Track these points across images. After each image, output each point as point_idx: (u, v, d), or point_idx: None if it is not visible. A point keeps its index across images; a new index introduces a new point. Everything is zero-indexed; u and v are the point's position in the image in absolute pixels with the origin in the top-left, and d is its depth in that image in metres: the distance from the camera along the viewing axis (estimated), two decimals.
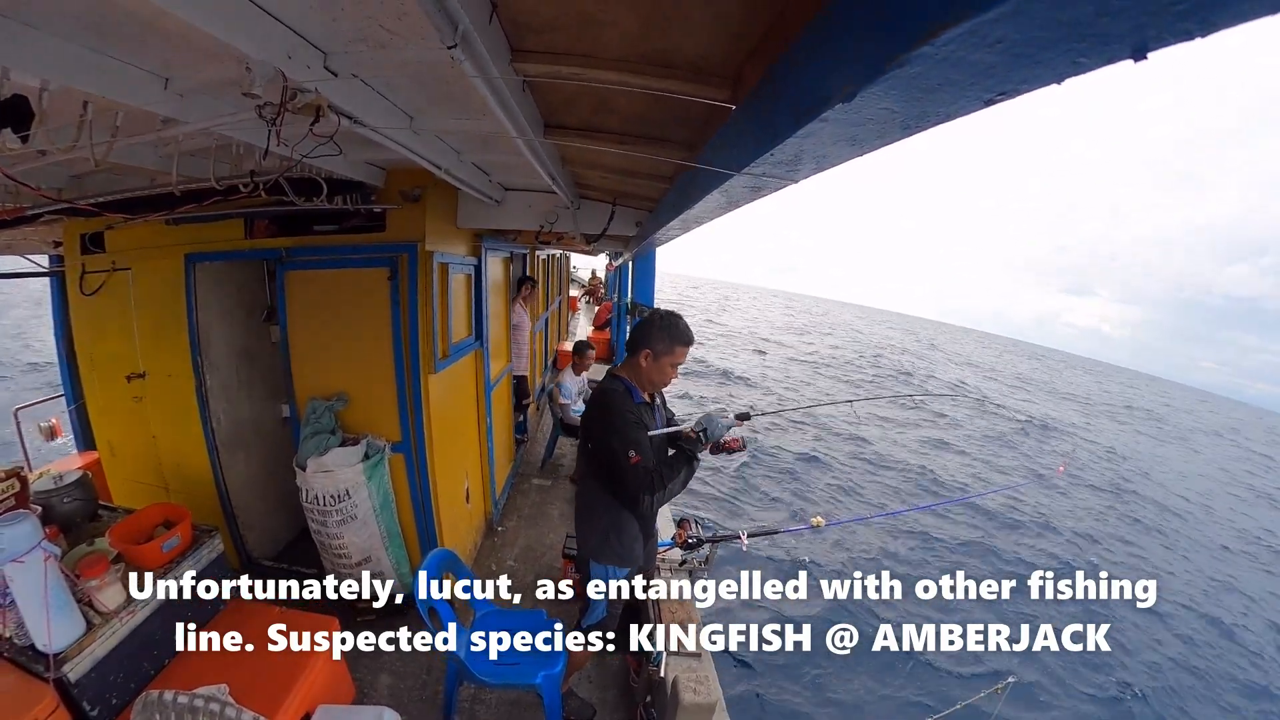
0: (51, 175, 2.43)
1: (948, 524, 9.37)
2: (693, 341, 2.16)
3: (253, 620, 2.33)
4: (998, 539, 9.21)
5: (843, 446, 13.26)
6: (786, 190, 1.28)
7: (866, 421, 15.46)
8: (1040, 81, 0.54)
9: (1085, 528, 10.68)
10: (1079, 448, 19.19)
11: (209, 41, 1.16)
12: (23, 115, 1.25)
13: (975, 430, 17.92)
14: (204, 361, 3.26)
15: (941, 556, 8.24)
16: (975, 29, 0.45)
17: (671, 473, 2.07)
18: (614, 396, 2.10)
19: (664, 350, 2.10)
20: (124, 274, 3.28)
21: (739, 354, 26.17)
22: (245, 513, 3.55)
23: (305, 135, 1.38)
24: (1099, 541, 10.22)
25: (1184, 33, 0.41)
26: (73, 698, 1.80)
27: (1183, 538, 11.91)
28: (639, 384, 2.17)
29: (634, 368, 2.16)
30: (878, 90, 0.61)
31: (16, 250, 3.81)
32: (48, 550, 1.77)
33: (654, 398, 2.29)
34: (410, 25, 1.14)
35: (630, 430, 2.03)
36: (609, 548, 2.22)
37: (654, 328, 2.11)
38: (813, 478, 10.74)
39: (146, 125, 1.61)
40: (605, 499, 2.18)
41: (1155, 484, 16.56)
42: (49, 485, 2.41)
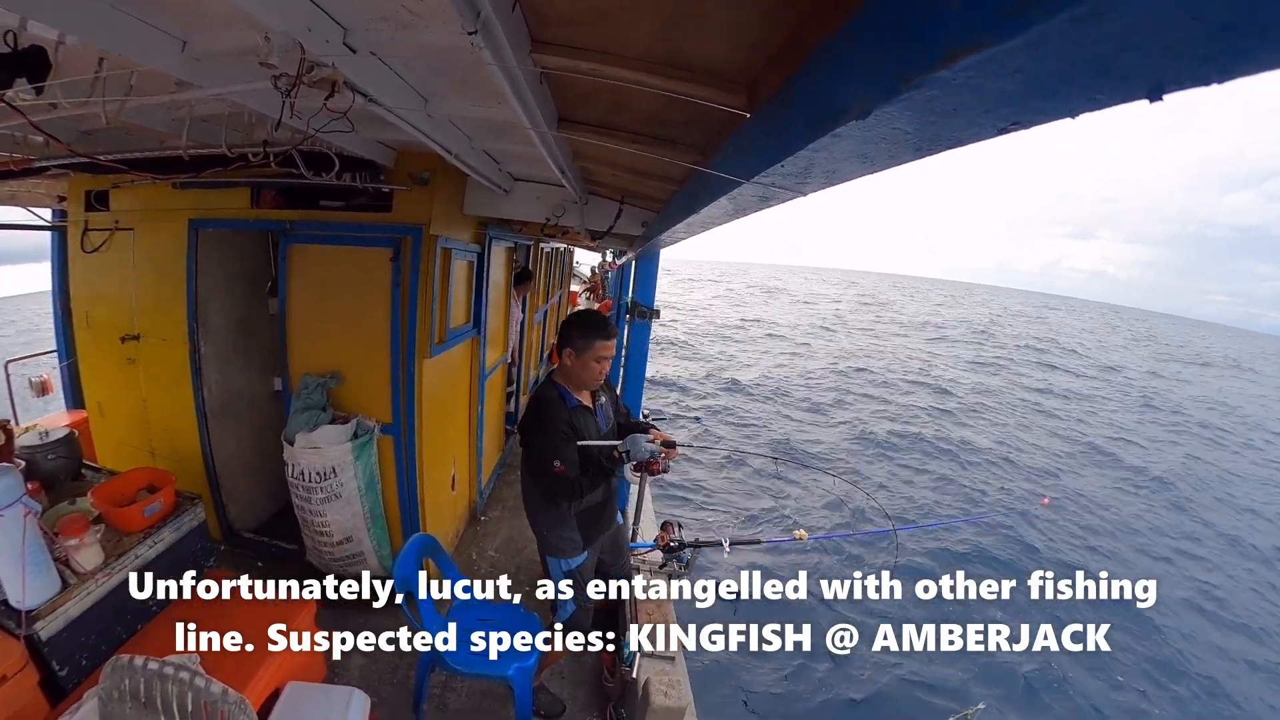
0: (61, 129, 2.41)
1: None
2: (613, 333, 2.24)
3: (228, 602, 2.32)
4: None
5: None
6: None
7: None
8: (1055, 114, 0.55)
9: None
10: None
11: (229, 8, 1.16)
12: (39, 66, 1.25)
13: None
14: (200, 328, 3.24)
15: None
16: (994, 57, 0.45)
17: (592, 484, 2.18)
18: (547, 405, 2.19)
19: (584, 346, 2.18)
20: (126, 234, 3.27)
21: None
22: (229, 483, 3.54)
23: (319, 110, 1.37)
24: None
25: (1202, 78, 0.41)
26: (42, 656, 1.80)
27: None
28: (570, 386, 2.26)
29: (562, 369, 2.25)
30: (892, 110, 0.61)
31: (20, 202, 3.79)
32: (28, 506, 1.76)
33: (595, 396, 2.36)
34: (433, 8, 1.14)
35: (556, 440, 2.13)
36: (554, 541, 2.30)
37: (571, 328, 2.21)
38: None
39: (161, 87, 1.60)
40: (539, 496, 2.28)
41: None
42: (34, 441, 2.40)
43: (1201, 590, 8.35)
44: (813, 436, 13.09)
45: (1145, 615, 6.97)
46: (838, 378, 19.55)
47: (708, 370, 18.73)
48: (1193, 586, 8.42)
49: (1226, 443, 18.22)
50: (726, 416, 14.19)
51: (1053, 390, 21.91)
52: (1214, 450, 16.97)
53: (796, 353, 23.86)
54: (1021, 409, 17.97)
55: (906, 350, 27.22)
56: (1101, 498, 11.33)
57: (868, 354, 24.76)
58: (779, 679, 5.55)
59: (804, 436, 12.98)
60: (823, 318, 39.90)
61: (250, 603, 2.25)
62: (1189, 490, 12.68)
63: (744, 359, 21.62)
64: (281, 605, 2.29)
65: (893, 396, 17.42)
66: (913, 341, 31.12)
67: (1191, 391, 28.65)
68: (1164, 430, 18.51)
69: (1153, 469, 13.67)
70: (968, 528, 8.75)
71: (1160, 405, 22.38)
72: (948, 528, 8.65)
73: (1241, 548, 10.06)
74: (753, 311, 40.17)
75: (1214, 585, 8.55)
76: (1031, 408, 18.40)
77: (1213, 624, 7.57)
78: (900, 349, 27.41)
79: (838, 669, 5.68)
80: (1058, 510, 10.24)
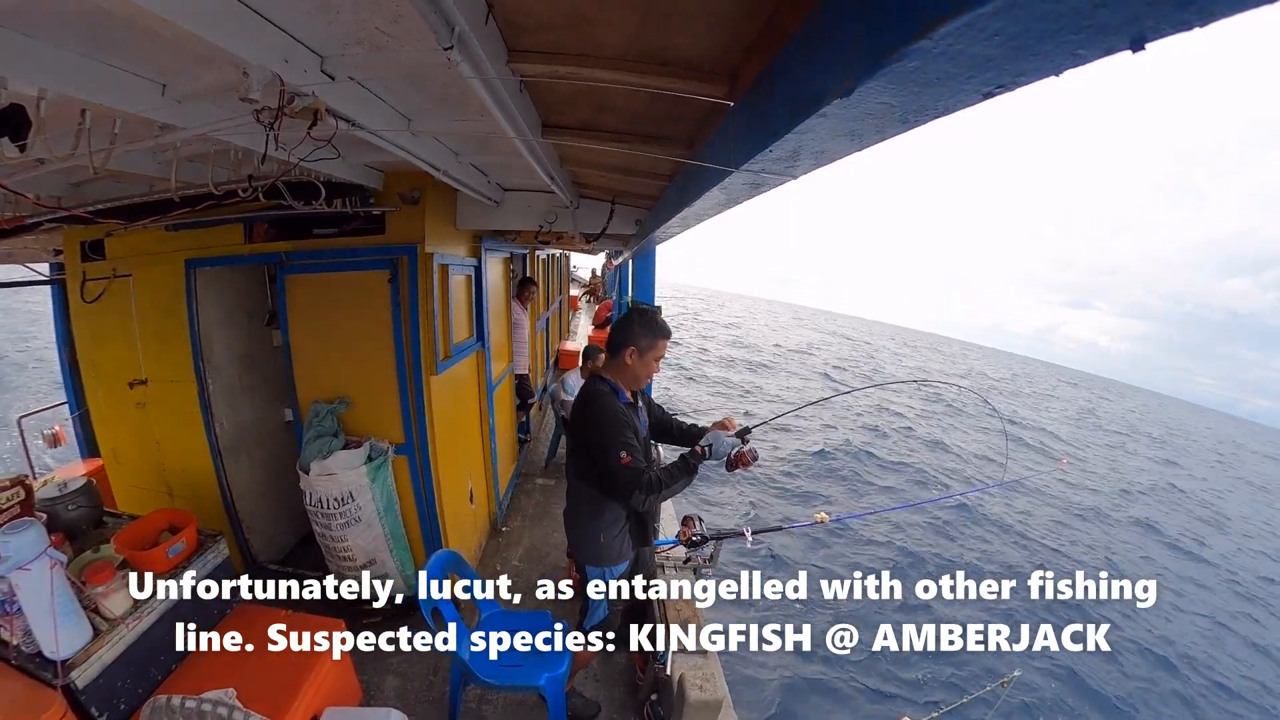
0: (50, 183, 2.43)
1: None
2: (670, 334, 2.23)
3: (258, 623, 2.34)
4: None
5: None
6: (784, 188, 1.28)
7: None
8: (1038, 74, 0.54)
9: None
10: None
11: (205, 47, 1.15)
12: (20, 124, 1.25)
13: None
14: (206, 366, 3.26)
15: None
16: (972, 22, 0.45)
17: (670, 478, 2.10)
18: (602, 399, 2.14)
19: (648, 345, 2.15)
20: (125, 281, 3.29)
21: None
22: (249, 517, 3.55)
23: (303, 139, 1.37)
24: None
25: (1182, 23, 0.41)
26: (81, 704, 1.81)
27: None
28: (623, 383, 2.21)
29: (619, 367, 2.20)
30: (876, 85, 0.61)
31: (17, 259, 3.81)
32: (53, 558, 1.77)
33: (636, 398, 2.33)
34: (406, 27, 1.14)
35: (621, 431, 2.06)
36: (600, 548, 2.25)
37: (634, 324, 2.17)
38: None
39: (145, 131, 1.61)
40: (592, 500, 2.21)
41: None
42: (53, 493, 2.41)
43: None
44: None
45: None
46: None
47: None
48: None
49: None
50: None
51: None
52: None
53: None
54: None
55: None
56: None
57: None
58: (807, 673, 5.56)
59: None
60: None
61: (280, 622, 2.27)
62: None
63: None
64: (312, 624, 2.30)
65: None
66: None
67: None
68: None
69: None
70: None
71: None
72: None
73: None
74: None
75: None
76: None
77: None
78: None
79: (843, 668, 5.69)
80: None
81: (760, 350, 33.42)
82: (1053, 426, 28.36)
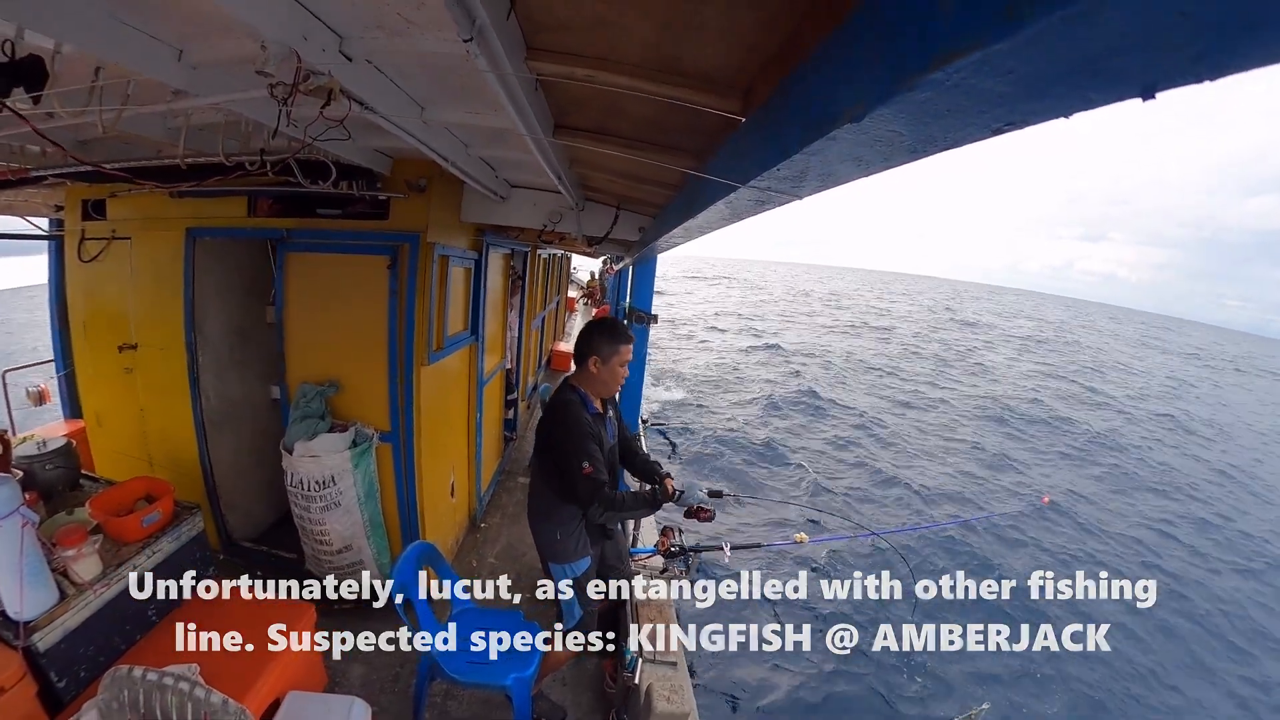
0: (58, 139, 2.41)
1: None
2: (633, 340, 2.30)
3: (228, 604, 2.32)
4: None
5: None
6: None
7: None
8: (1049, 114, 0.55)
9: None
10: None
11: (226, 17, 1.16)
12: (36, 76, 1.25)
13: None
14: (197, 336, 3.24)
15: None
16: (987, 58, 0.45)
17: (633, 503, 2.20)
18: (571, 408, 2.20)
19: (610, 352, 2.22)
20: (124, 243, 3.27)
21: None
22: (228, 492, 3.53)
23: (316, 118, 1.37)
24: None
25: (1193, 76, 0.41)
26: (40, 667, 1.79)
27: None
28: (592, 391, 2.28)
29: (586, 376, 2.27)
30: (887, 112, 0.62)
31: (16, 211, 3.79)
32: (25, 516, 1.75)
33: (606, 408, 2.38)
34: (428, 15, 1.14)
35: (584, 442, 2.13)
36: (557, 545, 2.30)
37: (595, 334, 2.24)
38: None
39: (157, 96, 1.61)
40: (551, 500, 2.28)
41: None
42: (32, 451, 2.39)
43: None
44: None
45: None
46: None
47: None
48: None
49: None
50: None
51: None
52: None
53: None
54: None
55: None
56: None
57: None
58: (782, 681, 5.54)
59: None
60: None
61: (250, 609, 2.25)
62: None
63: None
64: (281, 609, 2.29)
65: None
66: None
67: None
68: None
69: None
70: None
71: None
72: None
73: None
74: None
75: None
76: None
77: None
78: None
79: (839, 669, 5.67)
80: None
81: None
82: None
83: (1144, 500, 11.50)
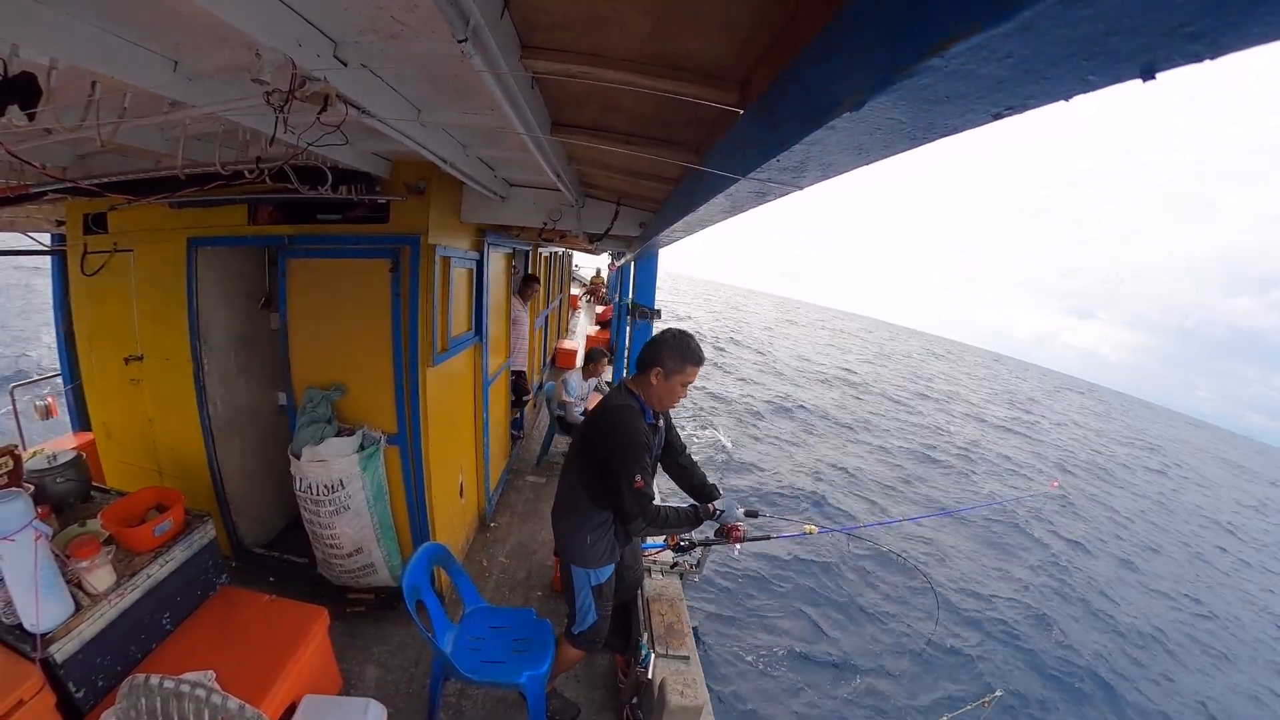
0: (57, 154, 2.43)
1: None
2: (703, 360, 2.15)
3: (241, 608, 2.33)
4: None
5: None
6: (791, 196, 1.29)
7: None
8: (1048, 98, 0.55)
9: None
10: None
11: (219, 26, 1.16)
12: (30, 92, 1.25)
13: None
14: (203, 346, 3.26)
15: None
16: (985, 43, 0.45)
17: (676, 519, 2.14)
18: (629, 414, 2.10)
19: (675, 369, 2.09)
20: (126, 255, 3.28)
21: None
22: (238, 499, 3.54)
23: (312, 124, 1.37)
24: None
25: (1193, 55, 0.41)
26: (59, 678, 1.80)
27: None
28: (649, 401, 2.17)
29: (644, 385, 2.16)
30: (886, 100, 0.61)
31: (19, 227, 3.80)
32: (39, 530, 1.76)
33: (659, 419, 2.30)
34: (421, 17, 1.14)
35: (640, 454, 2.05)
36: (586, 549, 2.23)
37: (665, 346, 2.10)
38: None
39: (154, 107, 1.61)
40: (587, 503, 2.19)
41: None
42: (42, 464, 2.40)
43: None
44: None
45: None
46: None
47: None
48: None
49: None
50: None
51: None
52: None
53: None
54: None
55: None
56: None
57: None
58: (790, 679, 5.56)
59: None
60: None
61: (263, 614, 2.27)
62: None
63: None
64: (295, 613, 2.31)
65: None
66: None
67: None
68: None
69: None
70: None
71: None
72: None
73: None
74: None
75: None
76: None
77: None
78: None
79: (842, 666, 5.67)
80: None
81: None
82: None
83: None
